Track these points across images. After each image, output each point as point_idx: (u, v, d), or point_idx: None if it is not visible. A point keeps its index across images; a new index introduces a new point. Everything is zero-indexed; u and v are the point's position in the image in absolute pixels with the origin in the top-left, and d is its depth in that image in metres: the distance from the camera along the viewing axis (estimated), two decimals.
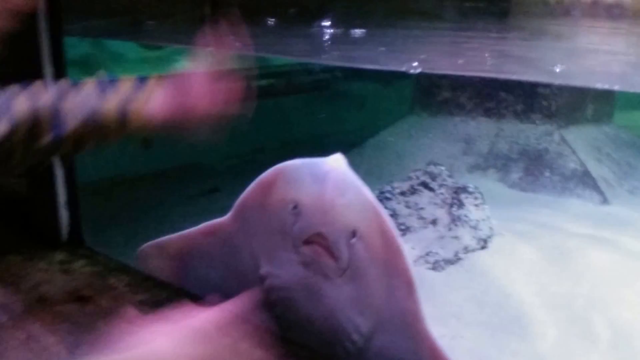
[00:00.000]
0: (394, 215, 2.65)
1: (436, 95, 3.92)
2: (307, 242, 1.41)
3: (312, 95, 4.52)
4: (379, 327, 1.42)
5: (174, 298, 1.63)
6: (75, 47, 4.34)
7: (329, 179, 1.35)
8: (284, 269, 1.48)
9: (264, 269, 1.53)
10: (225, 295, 1.63)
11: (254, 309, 1.54)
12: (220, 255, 1.63)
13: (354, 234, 1.36)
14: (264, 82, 4.29)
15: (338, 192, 1.34)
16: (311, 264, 1.42)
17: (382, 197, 2.70)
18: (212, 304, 1.13)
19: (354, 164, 1.38)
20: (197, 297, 1.62)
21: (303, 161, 1.40)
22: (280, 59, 4.39)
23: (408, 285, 1.34)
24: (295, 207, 1.41)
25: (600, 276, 2.29)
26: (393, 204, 2.72)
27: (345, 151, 1.41)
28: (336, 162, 1.36)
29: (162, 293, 1.68)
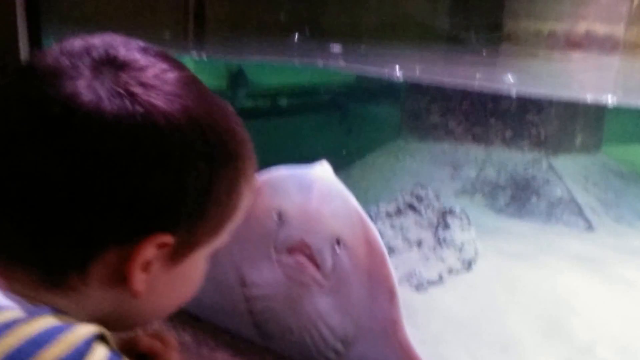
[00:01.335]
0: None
1: (425, 120, 3.97)
2: (291, 250, 1.40)
3: (300, 117, 4.55)
4: (360, 335, 1.41)
5: None
6: None
7: (313, 188, 1.34)
8: (266, 278, 1.47)
9: (246, 278, 1.51)
10: (206, 303, 1.62)
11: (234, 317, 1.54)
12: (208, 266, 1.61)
13: (338, 242, 1.35)
14: (249, 103, 4.30)
15: (323, 201, 1.34)
16: (294, 273, 1.41)
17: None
18: None
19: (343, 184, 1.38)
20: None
21: (288, 169, 1.39)
22: (267, 82, 4.42)
23: (390, 293, 1.33)
24: (279, 215, 1.41)
25: (583, 300, 2.30)
26: (378, 224, 2.72)
27: (334, 171, 1.41)
28: (322, 171, 1.36)
29: None
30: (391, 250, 2.64)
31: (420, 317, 2.24)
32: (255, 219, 1.43)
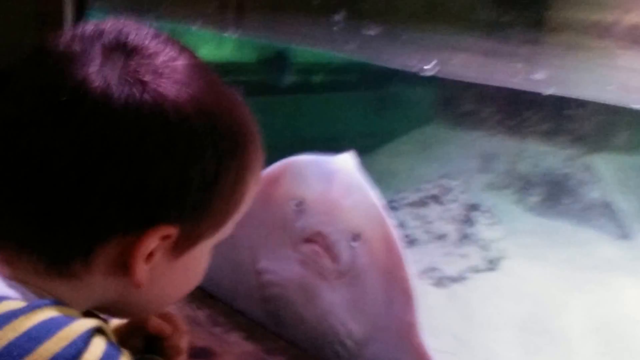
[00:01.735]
0: (400, 226, 2.60)
1: (458, 107, 3.86)
2: (308, 240, 1.36)
3: (331, 94, 4.46)
4: (373, 335, 1.37)
5: None
6: None
7: (335, 179, 1.30)
8: (281, 266, 1.44)
9: (261, 264, 1.49)
10: (222, 284, 1.62)
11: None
12: (222, 249, 1.60)
13: (356, 237, 1.32)
14: (281, 77, 4.25)
15: (343, 193, 1.30)
16: (309, 263, 1.38)
17: (390, 207, 2.65)
18: None
19: (365, 171, 1.34)
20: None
21: (311, 158, 1.36)
22: (302, 55, 4.35)
23: (407, 296, 1.29)
24: (298, 204, 1.38)
25: (611, 309, 2.21)
26: (400, 214, 2.68)
27: (357, 155, 1.38)
28: (345, 162, 1.32)
29: None
30: (412, 241, 2.60)
31: (437, 313, 2.21)
32: (274, 205, 1.41)
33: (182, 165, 0.72)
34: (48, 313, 0.67)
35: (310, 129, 4.05)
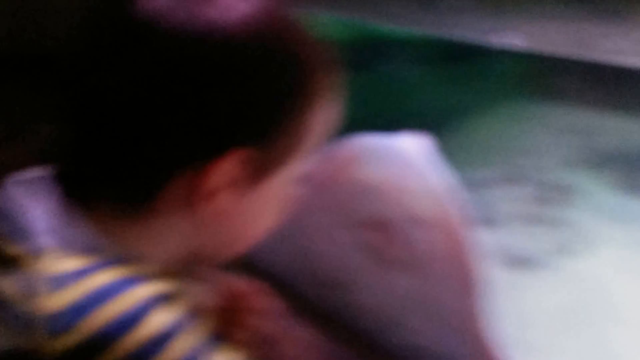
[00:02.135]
0: (472, 205, 2.49)
1: (546, 79, 3.62)
2: (369, 226, 1.32)
3: (409, 68, 4.33)
4: (435, 327, 1.32)
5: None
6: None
7: (399, 160, 1.25)
8: (341, 252, 1.40)
9: (320, 248, 1.46)
10: (284, 270, 1.60)
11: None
12: (288, 233, 1.58)
13: (420, 223, 1.26)
14: (360, 51, 4.16)
15: (407, 175, 1.25)
16: (370, 251, 1.34)
17: (462, 186, 2.54)
18: None
19: (440, 148, 1.28)
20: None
21: (373, 138, 1.30)
22: (382, 31, 4.24)
23: (472, 287, 1.22)
24: (359, 187, 1.33)
25: None
26: (473, 193, 2.57)
27: (431, 131, 1.32)
28: (409, 143, 1.26)
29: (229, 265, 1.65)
30: (484, 222, 2.49)
31: (511, 299, 2.11)
32: (334, 187, 1.36)
33: (240, 89, 0.71)
34: (113, 274, 0.65)
35: (391, 106, 3.95)
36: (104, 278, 0.65)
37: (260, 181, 0.78)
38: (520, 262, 2.23)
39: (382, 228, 1.29)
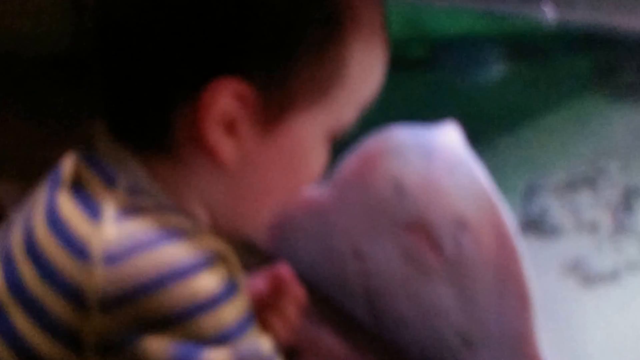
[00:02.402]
0: (543, 214, 2.30)
1: (622, 76, 3.33)
2: (408, 229, 1.21)
3: (471, 69, 4.14)
4: (481, 342, 1.19)
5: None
6: None
7: (437, 155, 1.13)
8: (381, 256, 1.29)
9: (360, 253, 1.36)
10: (318, 274, 1.52)
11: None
12: (315, 232, 1.49)
13: (461, 225, 1.13)
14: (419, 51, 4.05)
15: (446, 173, 1.12)
16: (412, 255, 1.23)
17: (531, 192, 2.35)
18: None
19: (507, 150, 1.15)
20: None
21: (409, 131, 1.19)
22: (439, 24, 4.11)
23: (522, 299, 1.08)
24: (397, 185, 1.23)
25: None
26: (544, 200, 2.36)
27: (500, 133, 1.19)
28: (448, 135, 1.14)
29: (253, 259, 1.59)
30: (557, 231, 2.28)
31: (583, 317, 1.91)
32: (371, 186, 1.25)
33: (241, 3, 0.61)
34: (167, 221, 0.62)
35: (457, 108, 3.77)
36: (163, 222, 0.61)
37: (274, 125, 0.68)
38: (596, 276, 2.02)
39: (423, 232, 1.18)
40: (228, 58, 0.63)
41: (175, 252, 0.59)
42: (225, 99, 0.63)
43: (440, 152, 1.11)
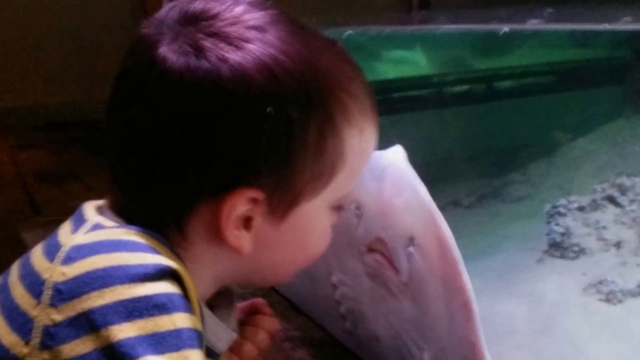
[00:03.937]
0: (566, 234, 2.23)
1: None
2: (370, 249, 1.25)
3: (507, 102, 4.09)
4: (439, 354, 1.18)
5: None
6: None
7: (386, 175, 1.16)
8: (352, 278, 1.34)
9: (334, 277, 1.41)
10: (305, 300, 1.56)
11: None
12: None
13: (411, 241, 1.16)
14: (457, 87, 4.03)
15: (395, 191, 1.16)
16: (375, 275, 1.26)
17: (554, 212, 2.29)
18: None
19: (543, 175, 1.17)
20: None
21: None
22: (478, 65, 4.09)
23: (466, 308, 1.08)
24: (357, 207, 1.27)
25: None
26: (567, 220, 2.29)
27: (536, 159, 1.21)
28: (394, 156, 1.17)
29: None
30: (581, 250, 2.21)
31: (608, 334, 1.83)
32: (341, 210, 1.32)
33: (244, 127, 0.72)
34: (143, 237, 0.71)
35: (482, 136, 3.74)
36: (126, 234, 0.71)
37: (287, 213, 0.80)
38: (617, 293, 1.93)
39: (382, 250, 1.21)
40: (242, 171, 0.75)
41: (127, 258, 0.66)
42: (242, 205, 0.75)
43: (388, 171, 1.15)
